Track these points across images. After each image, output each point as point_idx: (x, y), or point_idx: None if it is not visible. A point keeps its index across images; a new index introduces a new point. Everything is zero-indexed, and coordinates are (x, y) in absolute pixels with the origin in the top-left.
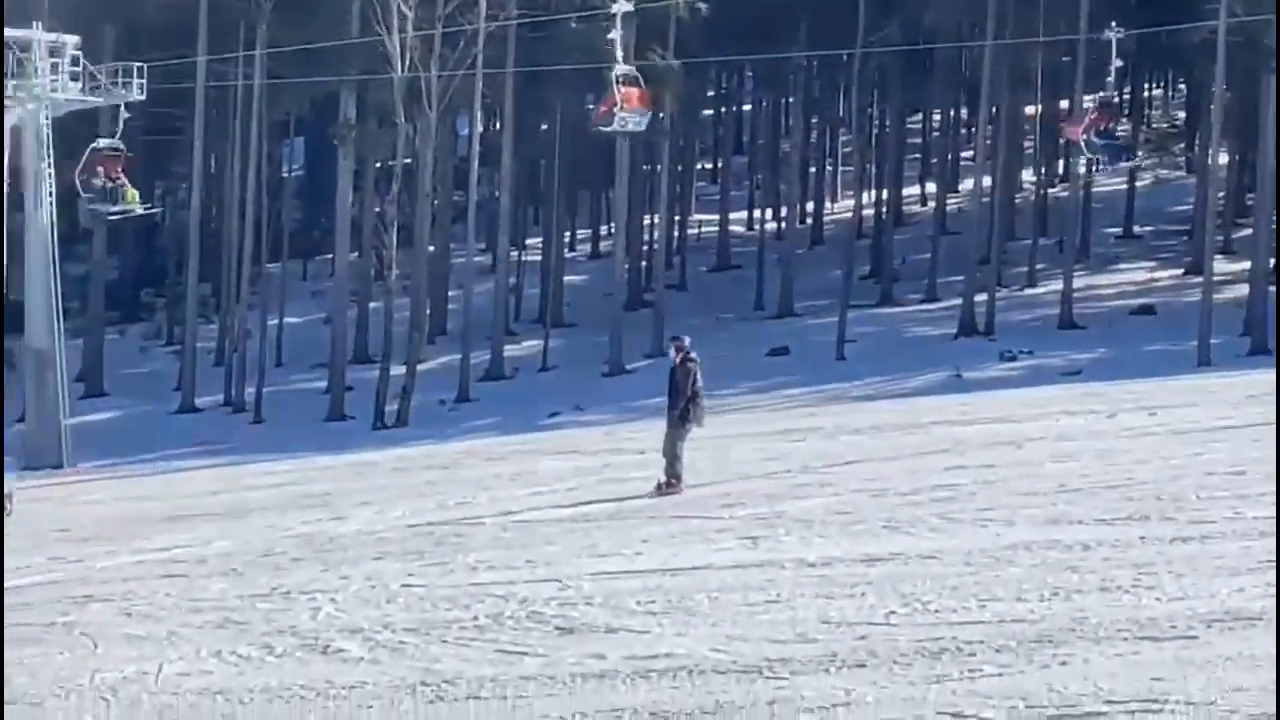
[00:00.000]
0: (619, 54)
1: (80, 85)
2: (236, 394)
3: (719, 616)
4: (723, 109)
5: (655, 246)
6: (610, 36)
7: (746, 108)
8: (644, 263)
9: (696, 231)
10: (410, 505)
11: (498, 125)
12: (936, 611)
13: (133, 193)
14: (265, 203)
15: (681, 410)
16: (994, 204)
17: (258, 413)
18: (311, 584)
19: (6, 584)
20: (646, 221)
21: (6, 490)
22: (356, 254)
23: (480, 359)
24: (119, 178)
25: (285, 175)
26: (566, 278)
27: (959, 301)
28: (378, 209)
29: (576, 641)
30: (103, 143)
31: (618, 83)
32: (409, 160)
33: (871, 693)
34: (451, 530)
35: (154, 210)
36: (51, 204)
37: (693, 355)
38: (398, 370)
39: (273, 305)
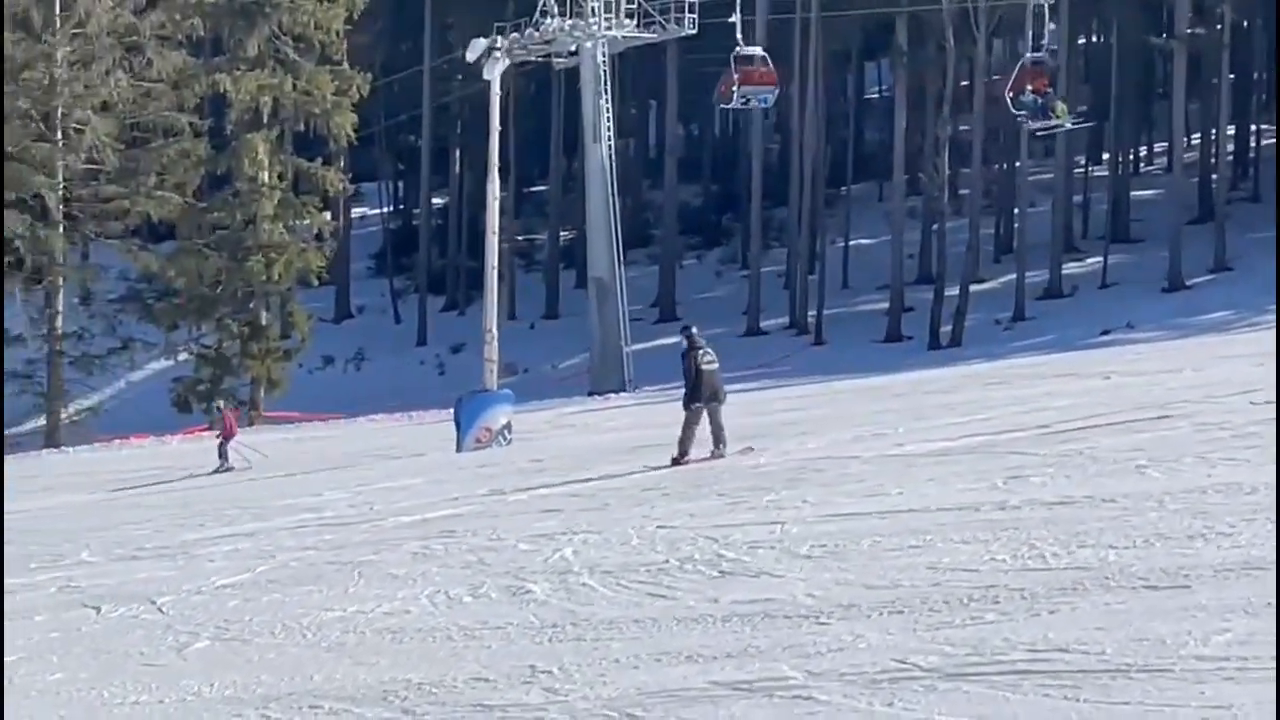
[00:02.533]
0: (739, 36)
1: (635, 22)
2: (800, 316)
3: (854, 562)
4: None
5: (1217, 159)
6: (731, 19)
7: None
8: (1213, 175)
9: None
10: (834, 437)
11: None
12: (1027, 559)
13: (1061, 106)
14: (822, 129)
15: (689, 395)
16: None
17: (818, 334)
18: (605, 523)
19: (415, 515)
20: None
21: (505, 421)
22: (922, 176)
23: (1041, 277)
24: (1048, 92)
25: (860, 99)
26: (1140, 192)
27: None
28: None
29: (715, 586)
30: (1029, 57)
31: (736, 62)
32: (965, 83)
33: (875, 639)
34: (819, 465)
35: (1085, 124)
36: (610, 138)
37: (698, 343)
38: (956, 290)
39: (844, 227)
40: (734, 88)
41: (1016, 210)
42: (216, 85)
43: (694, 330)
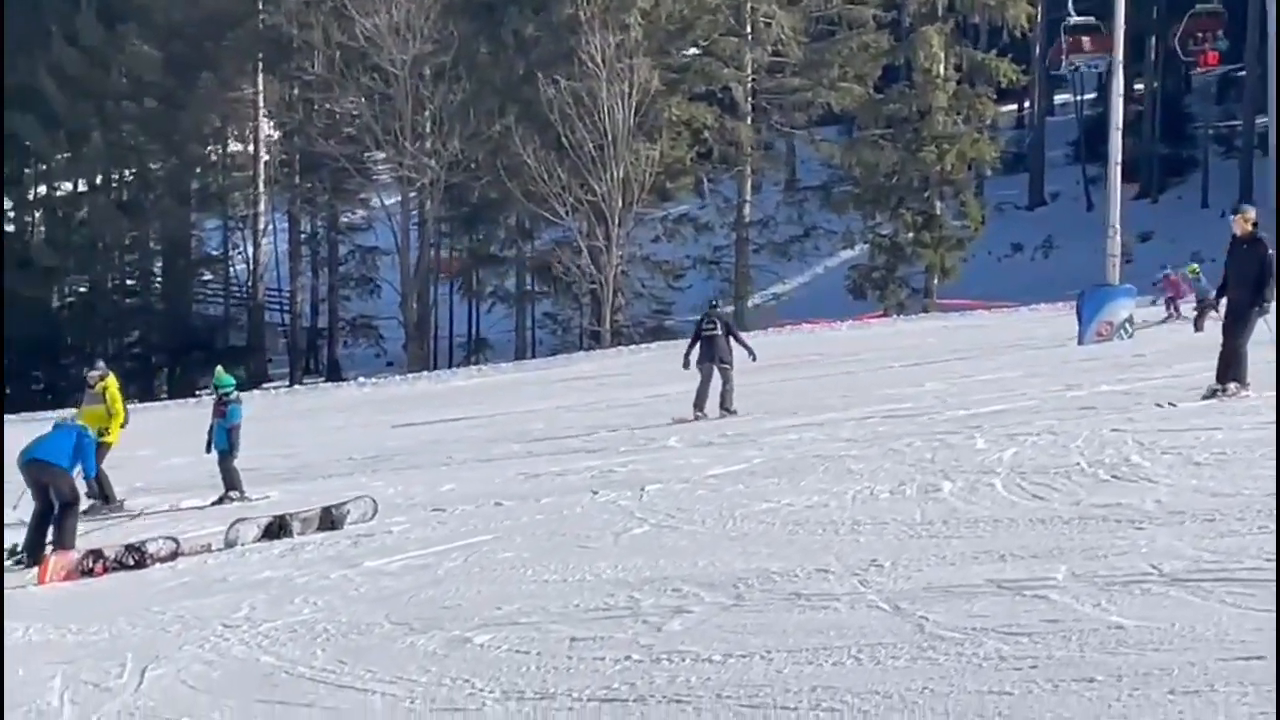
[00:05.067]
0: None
1: None
2: None
3: (1228, 471)
4: None
5: None
6: None
7: None
8: None
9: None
10: None
11: None
12: None
13: None
14: None
15: (685, 359)
16: None
17: None
18: (1081, 424)
19: (969, 410)
20: None
21: (1125, 315)
22: None
23: None
24: None
25: None
26: None
27: None
28: None
29: (1091, 489)
30: None
31: (1066, 32)
32: None
33: (1163, 544)
34: None
35: None
36: None
37: (712, 315)
38: None
39: None
40: (1063, 56)
41: None
42: None
43: (717, 304)
